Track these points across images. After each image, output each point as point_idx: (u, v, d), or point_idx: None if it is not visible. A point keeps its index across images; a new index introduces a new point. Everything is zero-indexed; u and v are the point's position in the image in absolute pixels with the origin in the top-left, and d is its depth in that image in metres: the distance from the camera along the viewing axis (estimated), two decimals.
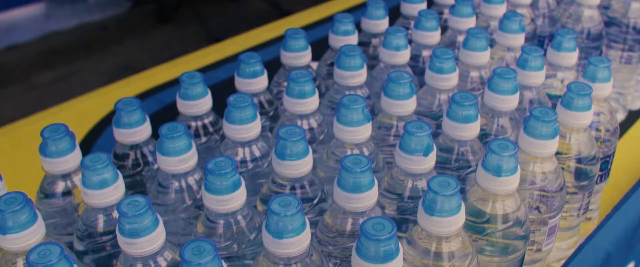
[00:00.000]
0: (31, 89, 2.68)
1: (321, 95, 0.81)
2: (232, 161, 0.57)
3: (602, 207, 0.86)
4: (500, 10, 0.93)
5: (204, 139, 0.75)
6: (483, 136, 0.73)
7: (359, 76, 0.75)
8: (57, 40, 3.05)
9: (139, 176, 0.71)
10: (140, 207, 0.53)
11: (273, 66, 0.85)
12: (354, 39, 0.85)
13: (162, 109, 1.13)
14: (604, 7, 1.10)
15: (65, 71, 2.80)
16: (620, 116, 1.10)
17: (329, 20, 1.43)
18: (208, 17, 3.20)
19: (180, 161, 0.62)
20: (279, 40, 1.32)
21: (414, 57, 0.86)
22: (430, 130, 0.59)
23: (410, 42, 0.86)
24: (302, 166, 0.60)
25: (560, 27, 0.82)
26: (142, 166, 0.71)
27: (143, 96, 1.17)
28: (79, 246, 0.62)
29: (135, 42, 3.07)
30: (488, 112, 0.72)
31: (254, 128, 0.67)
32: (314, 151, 0.72)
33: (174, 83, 1.21)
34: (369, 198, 0.56)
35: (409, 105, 0.69)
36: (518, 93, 0.70)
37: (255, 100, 0.77)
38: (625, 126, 1.10)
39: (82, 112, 1.13)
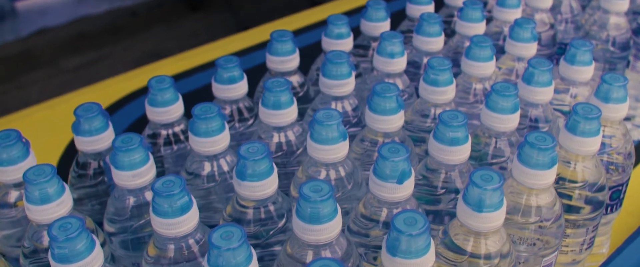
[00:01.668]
0: (58, 73, 2.67)
1: (310, 102, 0.75)
2: (182, 180, 0.51)
3: (615, 237, 0.78)
4: (514, 14, 0.85)
5: (175, 148, 0.69)
6: (480, 157, 0.65)
7: (346, 86, 0.68)
8: (87, 24, 3.04)
9: (102, 185, 0.66)
10: (73, 230, 0.47)
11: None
12: (348, 43, 0.78)
13: None
14: (635, 13, 1.01)
15: (93, 56, 2.79)
16: None
17: (359, 11, 1.40)
18: (238, 6, 3.15)
19: (134, 175, 0.57)
20: (305, 31, 1.29)
21: (415, 64, 0.79)
22: (407, 155, 0.52)
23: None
24: (264, 188, 0.54)
25: (575, 38, 0.74)
26: (105, 175, 0.66)
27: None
28: (24, 263, 0.58)
29: (163, 29, 3.04)
30: (485, 131, 0.65)
31: (221, 141, 0.61)
32: (292, 166, 0.66)
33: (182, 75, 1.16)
34: (329, 230, 0.49)
35: (394, 122, 0.62)
36: (518, 112, 0.63)
37: (234, 107, 0.72)
38: None
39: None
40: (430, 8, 0.86)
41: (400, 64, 0.72)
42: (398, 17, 0.91)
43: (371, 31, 0.82)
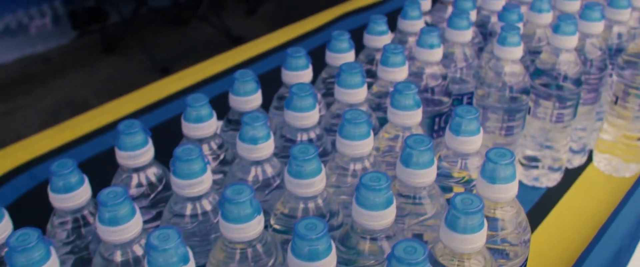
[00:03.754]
0: None
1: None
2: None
3: None
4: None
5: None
6: (356, 255, 0.57)
7: (263, 150, 0.63)
8: None
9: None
10: None
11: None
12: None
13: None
14: (532, 53, 0.95)
15: (4, 108, 2.65)
16: (556, 177, 0.96)
17: (282, 48, 1.33)
18: (155, 46, 3.05)
19: None
20: (226, 74, 1.25)
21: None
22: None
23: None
24: None
25: (460, 106, 0.67)
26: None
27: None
28: None
29: (78, 74, 2.92)
30: (358, 228, 0.56)
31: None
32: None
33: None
34: None
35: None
36: (392, 207, 0.55)
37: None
38: (563, 187, 0.96)
39: None
40: (351, 56, 0.83)
41: (312, 118, 0.70)
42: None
43: (291, 80, 0.78)
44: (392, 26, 0.92)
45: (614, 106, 0.94)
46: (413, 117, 0.69)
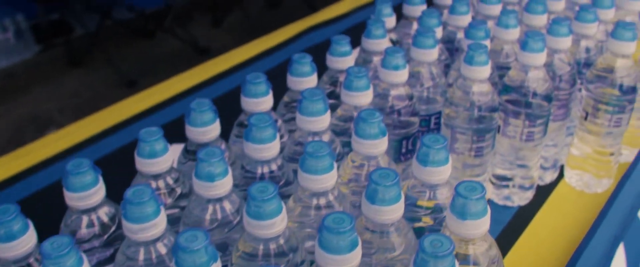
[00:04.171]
0: None
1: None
2: None
3: None
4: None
5: None
6: None
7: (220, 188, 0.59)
8: None
9: None
10: None
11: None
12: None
13: None
14: (500, 68, 0.93)
15: None
16: (528, 195, 0.94)
17: (251, 62, 1.32)
18: (121, 59, 2.99)
19: None
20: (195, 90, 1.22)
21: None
22: None
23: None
24: None
25: (427, 134, 0.64)
26: None
27: None
28: None
29: (43, 89, 2.85)
30: None
31: None
32: None
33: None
34: None
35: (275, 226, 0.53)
36: (357, 249, 0.52)
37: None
38: (535, 205, 0.94)
39: None
40: (313, 80, 0.79)
41: (272, 149, 0.65)
42: None
43: (251, 108, 0.74)
44: (359, 41, 0.90)
45: (583, 122, 0.92)
46: (378, 146, 0.66)
